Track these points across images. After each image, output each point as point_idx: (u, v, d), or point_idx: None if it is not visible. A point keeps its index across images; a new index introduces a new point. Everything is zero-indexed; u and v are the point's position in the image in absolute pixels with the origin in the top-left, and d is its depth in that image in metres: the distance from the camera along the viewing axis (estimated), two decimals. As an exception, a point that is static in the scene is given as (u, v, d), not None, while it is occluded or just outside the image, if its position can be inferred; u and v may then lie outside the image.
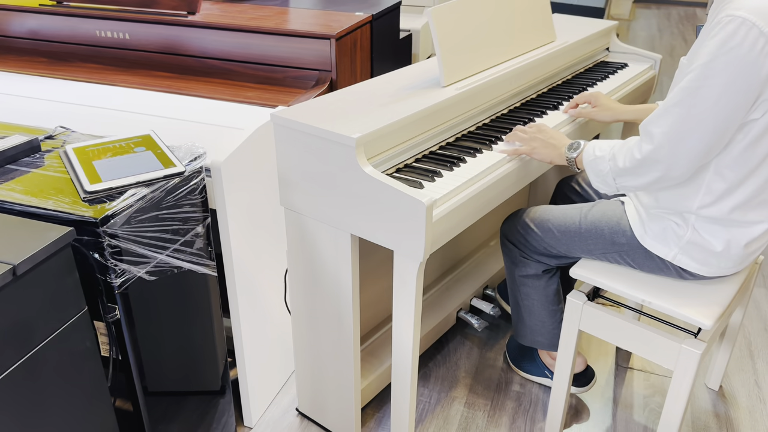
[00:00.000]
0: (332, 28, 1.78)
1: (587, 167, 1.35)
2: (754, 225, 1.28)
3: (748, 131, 1.17)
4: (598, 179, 1.33)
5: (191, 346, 1.44)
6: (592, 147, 1.34)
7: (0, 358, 0.93)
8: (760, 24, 1.08)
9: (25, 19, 2.13)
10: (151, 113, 1.60)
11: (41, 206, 1.11)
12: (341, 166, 1.26)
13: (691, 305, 1.32)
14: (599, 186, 1.34)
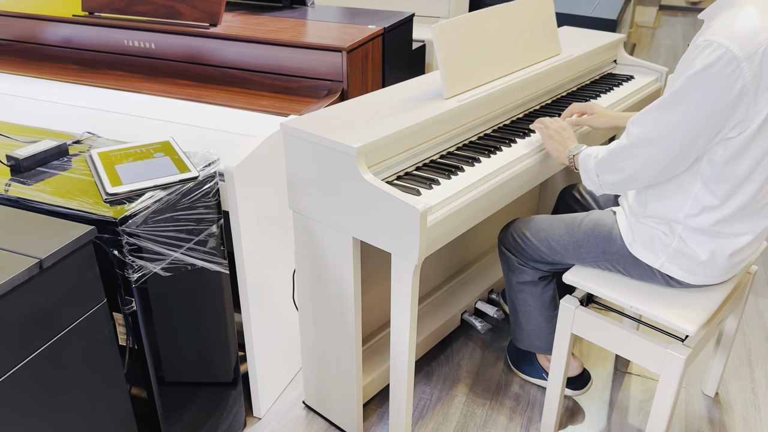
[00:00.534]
0: (344, 41, 1.87)
1: (580, 165, 1.44)
2: (739, 236, 1.33)
3: (728, 148, 1.22)
4: (586, 176, 1.43)
5: (204, 340, 1.54)
6: (588, 148, 1.44)
7: (27, 342, 1.04)
8: (733, 49, 1.13)
9: (59, 28, 2.26)
10: (173, 120, 1.71)
11: (67, 206, 1.22)
12: (343, 173, 1.35)
13: (677, 312, 1.38)
14: (586, 182, 1.43)
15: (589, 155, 1.42)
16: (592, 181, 1.43)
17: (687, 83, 1.18)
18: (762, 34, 1.15)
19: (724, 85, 1.15)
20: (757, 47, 1.14)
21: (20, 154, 1.36)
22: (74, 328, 1.14)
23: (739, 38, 1.14)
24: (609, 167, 1.37)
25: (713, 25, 1.18)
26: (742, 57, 1.14)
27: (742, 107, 1.17)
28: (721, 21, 1.18)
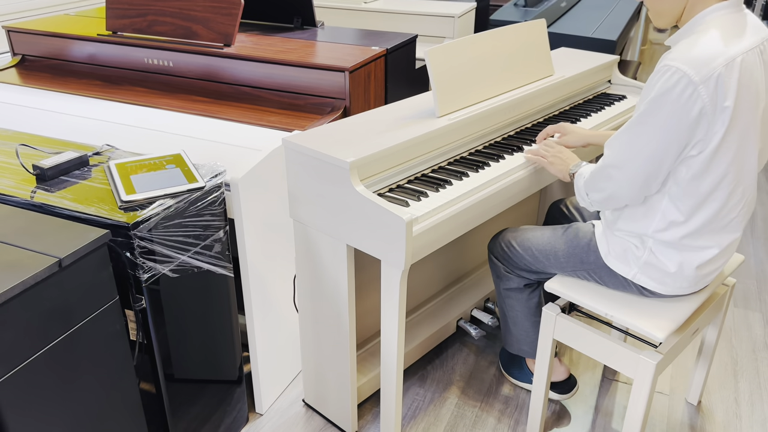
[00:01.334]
0: (347, 62, 1.99)
1: (575, 182, 1.53)
2: (705, 250, 1.41)
3: (690, 166, 1.31)
4: (578, 193, 1.53)
5: (210, 338, 1.66)
6: (585, 167, 1.54)
7: (45, 333, 1.16)
8: (690, 73, 1.23)
9: (85, 46, 2.42)
10: (186, 134, 1.84)
11: (85, 212, 1.35)
12: (338, 185, 1.47)
13: (648, 320, 1.46)
14: (580, 200, 1.53)
15: (581, 175, 1.52)
16: (582, 198, 1.52)
17: (650, 107, 1.28)
18: (718, 59, 1.24)
19: (684, 107, 1.24)
20: (712, 72, 1.23)
21: (45, 164, 1.50)
22: (89, 322, 1.26)
23: (695, 63, 1.23)
24: (593, 187, 1.46)
25: (674, 50, 1.28)
26: (698, 81, 1.23)
27: (701, 127, 1.26)
28: (682, 46, 1.27)
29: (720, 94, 1.24)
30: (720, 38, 1.27)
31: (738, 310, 2.37)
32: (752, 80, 1.27)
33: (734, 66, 1.24)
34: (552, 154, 1.65)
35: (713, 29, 1.28)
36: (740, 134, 1.30)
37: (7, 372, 1.10)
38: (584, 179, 1.49)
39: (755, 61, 1.28)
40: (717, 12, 1.30)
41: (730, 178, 1.33)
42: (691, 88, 1.23)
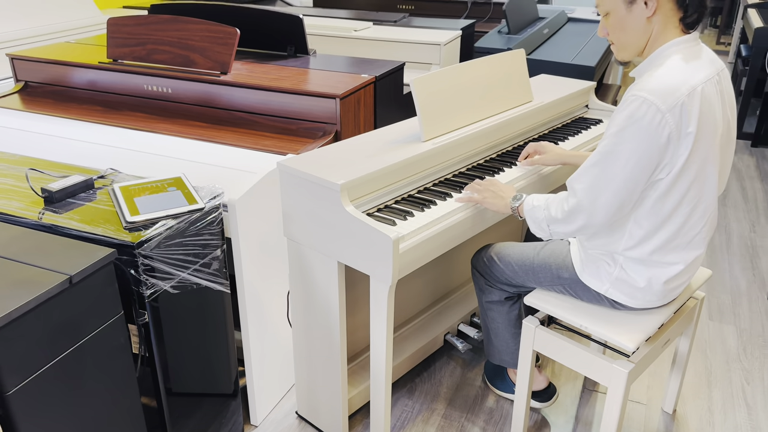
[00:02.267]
0: (338, 89, 2.11)
1: (527, 215, 1.61)
2: (672, 265, 1.52)
3: (657, 188, 1.42)
4: (535, 225, 1.59)
5: (207, 353, 1.74)
6: (531, 199, 1.60)
7: (56, 345, 1.25)
8: (657, 102, 1.34)
9: (86, 73, 2.52)
10: (185, 158, 1.94)
11: (92, 232, 1.44)
12: (329, 206, 1.57)
13: (620, 331, 1.56)
14: (536, 231, 1.59)
15: (536, 207, 1.57)
16: (542, 230, 1.57)
17: (620, 136, 1.38)
18: (682, 88, 1.35)
19: (653, 134, 1.35)
20: (677, 100, 1.34)
21: (53, 187, 1.59)
22: (95, 335, 1.34)
23: (662, 93, 1.34)
24: (562, 222, 1.51)
25: (640, 81, 1.39)
26: (665, 109, 1.34)
27: (669, 151, 1.37)
28: (647, 78, 1.38)
29: (684, 121, 1.36)
30: (681, 69, 1.38)
31: (713, 324, 2.47)
32: (711, 108, 1.39)
33: (695, 95, 1.36)
34: (483, 189, 1.67)
35: (674, 61, 1.40)
36: (701, 157, 1.41)
37: (21, 381, 1.19)
38: (546, 212, 1.53)
39: (713, 91, 1.40)
40: (677, 45, 1.42)
41: (691, 196, 1.44)
42: (659, 116, 1.34)
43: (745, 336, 2.40)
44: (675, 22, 1.43)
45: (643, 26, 1.44)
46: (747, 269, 2.86)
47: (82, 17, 3.57)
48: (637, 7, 1.42)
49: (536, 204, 1.57)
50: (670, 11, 1.42)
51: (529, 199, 1.60)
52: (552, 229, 1.55)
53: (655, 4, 1.40)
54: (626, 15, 1.44)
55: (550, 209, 1.53)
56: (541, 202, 1.57)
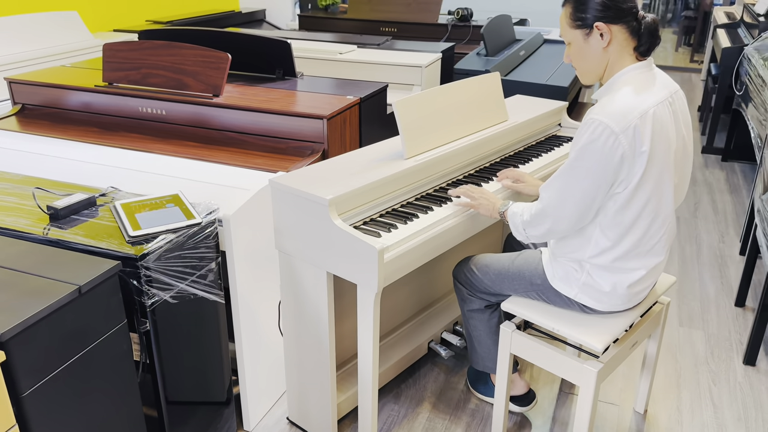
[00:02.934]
0: (325, 110, 2.23)
1: (509, 220, 1.76)
2: (634, 272, 1.65)
3: (617, 201, 1.56)
4: (515, 229, 1.74)
5: (202, 361, 1.83)
6: (514, 206, 1.77)
7: (67, 350, 1.34)
8: (611, 125, 1.48)
9: (82, 96, 2.63)
10: (181, 176, 2.05)
11: (98, 246, 1.54)
12: (318, 219, 1.68)
13: (588, 333, 1.69)
14: (516, 234, 1.75)
15: (516, 213, 1.73)
16: (520, 234, 1.74)
17: (579, 154, 1.53)
18: (634, 112, 1.49)
19: (608, 154, 1.49)
20: (629, 123, 1.48)
21: (58, 204, 1.69)
22: (102, 342, 1.44)
23: (615, 116, 1.49)
24: (532, 225, 1.68)
25: (598, 105, 1.53)
26: (619, 131, 1.48)
27: (624, 169, 1.51)
28: (603, 102, 1.53)
29: (637, 141, 1.50)
30: (634, 94, 1.53)
31: (683, 329, 2.61)
32: (663, 128, 1.53)
33: (647, 117, 1.50)
34: (478, 196, 1.84)
35: (628, 86, 1.54)
36: (657, 173, 1.55)
37: (35, 384, 1.28)
38: (522, 218, 1.70)
39: (665, 112, 1.54)
40: (632, 72, 1.57)
41: (650, 209, 1.57)
42: (613, 137, 1.48)
43: (712, 340, 2.54)
44: (629, 50, 1.58)
45: (600, 55, 1.58)
46: (716, 278, 3.01)
47: (75, 41, 3.68)
48: (594, 38, 1.57)
49: (515, 210, 1.74)
50: (624, 41, 1.56)
51: (513, 207, 1.77)
52: (527, 232, 1.70)
53: (610, 36, 1.55)
54: (585, 45, 1.59)
55: (524, 215, 1.69)
56: (519, 208, 1.73)
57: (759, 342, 2.37)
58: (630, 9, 1.55)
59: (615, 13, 1.54)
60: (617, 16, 1.55)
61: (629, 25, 1.55)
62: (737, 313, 2.72)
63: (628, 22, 1.55)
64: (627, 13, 1.55)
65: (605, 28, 1.56)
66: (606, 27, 1.55)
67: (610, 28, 1.55)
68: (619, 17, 1.55)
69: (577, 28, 1.60)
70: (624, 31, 1.56)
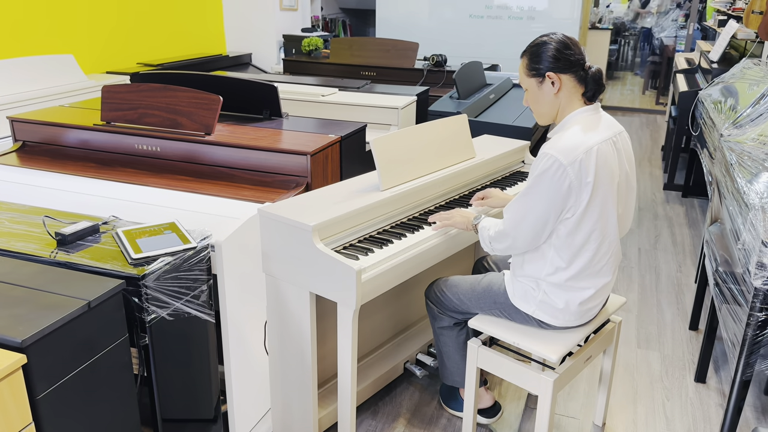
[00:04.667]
0: (308, 147, 2.44)
1: (479, 233, 1.97)
2: (584, 290, 1.86)
3: (566, 225, 1.78)
4: (482, 242, 1.95)
5: (194, 379, 1.98)
6: (484, 221, 1.98)
7: (76, 359, 1.50)
8: (561, 159, 1.70)
9: (81, 134, 2.82)
10: (176, 207, 2.23)
11: (104, 267, 1.71)
12: (302, 244, 1.87)
13: (545, 345, 1.88)
14: (483, 246, 1.96)
15: (485, 228, 1.95)
16: (487, 246, 1.96)
17: (533, 182, 1.75)
18: (580, 147, 1.72)
19: (557, 183, 1.71)
20: (576, 157, 1.71)
21: (65, 231, 1.86)
22: (106, 353, 1.60)
23: (564, 151, 1.71)
24: (496, 240, 1.90)
25: (551, 141, 1.76)
26: (566, 164, 1.70)
27: (572, 197, 1.73)
28: (555, 139, 1.76)
29: (583, 173, 1.72)
30: (581, 133, 1.76)
31: (641, 350, 2.81)
32: (606, 163, 1.76)
33: (592, 153, 1.73)
34: (453, 215, 2.07)
35: (576, 126, 1.78)
36: (601, 201, 1.77)
37: (48, 388, 1.44)
38: (488, 233, 1.92)
39: (609, 149, 1.77)
40: (581, 114, 1.81)
41: (597, 234, 1.79)
42: (561, 169, 1.70)
43: (667, 361, 2.74)
44: (578, 95, 1.82)
45: (552, 99, 1.82)
46: (672, 304, 3.23)
47: (71, 82, 3.88)
48: (546, 85, 1.81)
49: (485, 225, 1.96)
50: (572, 88, 1.81)
51: (483, 221, 1.98)
52: (492, 245, 1.92)
53: (560, 83, 1.79)
54: (539, 91, 1.83)
55: (491, 230, 1.91)
56: (488, 224, 1.95)
57: (708, 360, 2.57)
58: (578, 61, 1.79)
59: (564, 64, 1.79)
60: (566, 66, 1.79)
61: (577, 74, 1.80)
62: (691, 336, 2.93)
63: (576, 71, 1.80)
64: (575, 65, 1.79)
65: (555, 77, 1.80)
66: (556, 76, 1.80)
67: (560, 77, 1.80)
68: (568, 68, 1.79)
69: (532, 76, 1.84)
70: (572, 80, 1.80)
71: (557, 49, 1.79)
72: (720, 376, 2.63)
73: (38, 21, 4.09)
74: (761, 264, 1.92)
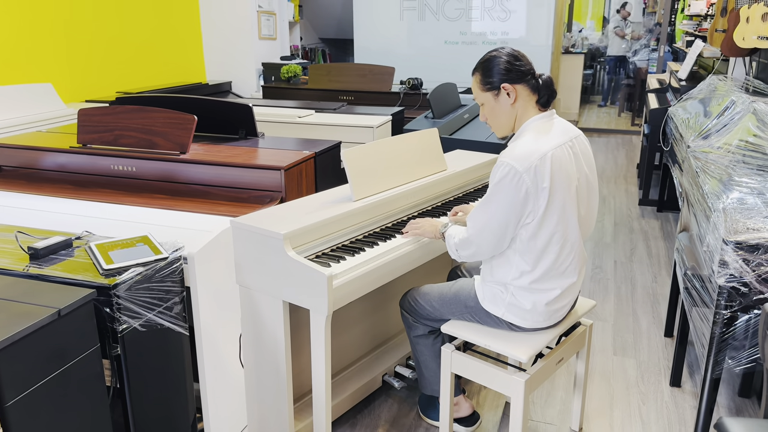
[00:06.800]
0: (283, 162, 2.48)
1: (446, 241, 2.00)
2: (550, 291, 1.89)
3: (527, 229, 1.82)
4: (449, 249, 1.99)
5: (169, 393, 1.98)
6: (451, 229, 2.02)
7: (47, 367, 1.50)
8: (516, 166, 1.75)
9: (58, 157, 2.84)
10: (149, 223, 2.25)
11: (74, 278, 1.72)
12: (274, 253, 1.90)
13: (515, 347, 1.90)
14: (450, 253, 1.99)
15: (451, 236, 1.99)
16: (453, 253, 1.99)
17: (492, 191, 1.80)
18: (535, 154, 1.77)
19: (514, 190, 1.76)
20: (531, 164, 1.76)
21: (38, 245, 1.88)
22: (77, 362, 1.60)
23: (519, 159, 1.77)
24: (461, 247, 1.94)
25: (507, 150, 1.82)
26: (522, 171, 1.75)
27: (530, 202, 1.78)
28: (511, 147, 1.81)
29: (539, 179, 1.77)
30: (535, 139, 1.81)
31: (617, 358, 2.84)
32: (562, 167, 1.81)
33: (546, 158, 1.78)
34: (422, 224, 2.11)
35: (531, 133, 1.84)
36: (560, 205, 1.81)
37: (17, 395, 1.44)
38: (455, 240, 1.96)
39: (564, 153, 1.83)
40: (536, 121, 1.87)
41: (558, 236, 1.83)
42: (517, 176, 1.75)
43: (643, 367, 2.77)
44: (532, 103, 1.88)
45: (508, 110, 1.88)
46: (648, 313, 3.27)
47: (50, 110, 3.91)
48: (502, 97, 1.87)
49: (451, 233, 2.00)
50: (527, 96, 1.87)
51: (450, 230, 2.02)
52: (458, 252, 1.95)
53: (515, 93, 1.86)
54: (495, 104, 1.89)
55: (456, 238, 1.95)
56: (454, 232, 1.99)
57: (681, 365, 2.60)
58: (528, 71, 1.87)
59: (516, 75, 1.86)
60: (518, 77, 1.86)
61: (529, 84, 1.87)
62: (666, 342, 2.97)
63: (528, 81, 1.86)
64: (526, 74, 1.86)
65: (510, 88, 1.86)
66: (511, 87, 1.86)
67: (515, 87, 1.86)
68: (521, 78, 1.86)
69: (487, 90, 1.90)
70: (526, 89, 1.87)
71: (508, 61, 1.86)
72: (695, 380, 2.66)
73: (17, 50, 4.14)
74: (723, 262, 1.97)
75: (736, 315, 2.01)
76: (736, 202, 2.19)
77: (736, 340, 2.09)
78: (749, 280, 1.95)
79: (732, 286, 1.97)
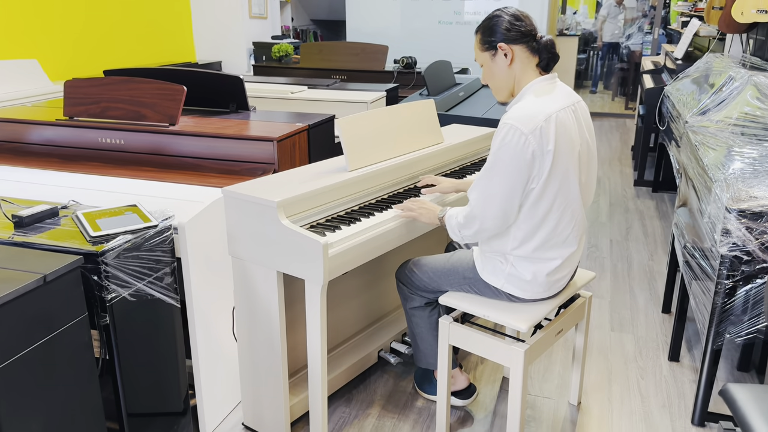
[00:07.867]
0: (275, 133, 2.42)
1: (447, 224, 1.94)
2: (551, 260, 1.85)
3: (530, 196, 1.77)
4: (451, 231, 1.92)
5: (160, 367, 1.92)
6: (450, 211, 1.94)
7: (31, 335, 1.45)
8: (521, 127, 1.70)
9: (44, 130, 2.76)
10: (138, 194, 2.19)
11: (62, 245, 1.66)
12: (268, 221, 1.84)
13: (515, 317, 1.86)
14: (452, 235, 1.92)
15: (452, 216, 1.92)
16: (455, 235, 1.91)
17: (495, 157, 1.74)
18: (539, 115, 1.72)
19: (521, 152, 1.71)
20: (536, 125, 1.71)
21: (22, 213, 1.81)
22: (64, 331, 1.55)
23: (524, 120, 1.71)
24: (464, 226, 1.85)
25: (509, 111, 1.76)
26: (527, 132, 1.70)
27: (535, 165, 1.73)
28: (514, 109, 1.76)
29: (544, 141, 1.72)
30: (539, 101, 1.76)
31: (614, 333, 2.81)
32: (566, 130, 1.76)
33: (551, 120, 1.73)
34: (418, 207, 2.02)
35: (533, 95, 1.78)
36: (563, 170, 1.77)
37: (2, 362, 1.38)
38: (456, 220, 1.88)
39: (568, 117, 1.78)
40: (536, 84, 1.81)
41: (559, 202, 1.79)
42: (523, 138, 1.70)
43: (641, 342, 2.74)
44: (533, 66, 1.83)
45: (506, 72, 1.83)
46: (645, 290, 3.25)
47: (36, 87, 3.82)
48: (499, 58, 1.82)
49: (452, 214, 1.92)
50: (526, 59, 1.82)
51: (449, 211, 1.94)
52: (461, 233, 1.87)
53: (512, 54, 1.80)
54: (492, 64, 1.84)
55: (459, 218, 1.87)
56: (455, 212, 1.91)
57: (680, 339, 2.58)
58: (529, 32, 1.81)
59: (515, 35, 1.80)
60: (517, 37, 1.80)
61: (529, 45, 1.81)
62: (664, 318, 2.94)
63: (528, 42, 1.81)
64: (526, 35, 1.80)
65: (507, 48, 1.81)
66: (508, 47, 1.81)
67: (512, 47, 1.81)
68: (519, 38, 1.80)
69: (486, 50, 1.85)
70: (525, 50, 1.81)
71: (509, 21, 1.80)
72: (693, 354, 2.64)
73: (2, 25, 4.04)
74: (726, 230, 1.94)
75: (738, 285, 1.98)
76: (739, 172, 2.15)
77: (734, 314, 2.06)
78: (752, 248, 1.92)
79: (734, 255, 1.94)
